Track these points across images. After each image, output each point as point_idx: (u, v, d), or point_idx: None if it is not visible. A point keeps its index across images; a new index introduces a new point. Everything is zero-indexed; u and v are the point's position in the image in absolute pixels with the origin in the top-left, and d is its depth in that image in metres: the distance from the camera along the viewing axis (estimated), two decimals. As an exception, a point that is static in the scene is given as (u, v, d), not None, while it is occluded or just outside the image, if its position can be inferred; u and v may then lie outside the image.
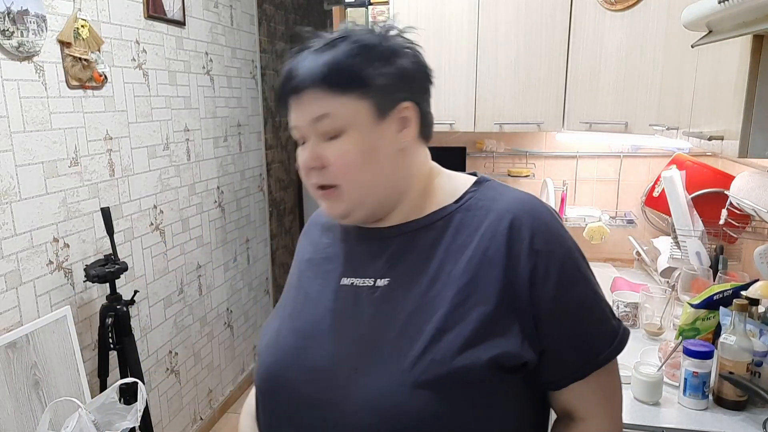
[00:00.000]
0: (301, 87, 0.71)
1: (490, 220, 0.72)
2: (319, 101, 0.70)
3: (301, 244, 0.90)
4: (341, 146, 0.71)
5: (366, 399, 0.68)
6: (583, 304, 0.72)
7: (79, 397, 1.74)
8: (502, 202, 0.74)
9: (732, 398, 1.26)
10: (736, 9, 0.90)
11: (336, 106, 0.70)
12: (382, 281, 0.74)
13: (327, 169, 0.72)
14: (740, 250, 1.95)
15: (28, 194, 1.69)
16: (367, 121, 0.71)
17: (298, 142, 0.76)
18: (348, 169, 0.71)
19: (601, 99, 1.96)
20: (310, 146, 0.73)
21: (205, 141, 2.75)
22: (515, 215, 0.72)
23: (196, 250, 2.72)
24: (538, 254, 0.69)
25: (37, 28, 1.68)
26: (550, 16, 2.04)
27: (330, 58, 0.70)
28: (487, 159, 2.49)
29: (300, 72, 0.71)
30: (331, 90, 0.70)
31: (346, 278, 0.77)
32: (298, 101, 0.72)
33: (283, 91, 0.74)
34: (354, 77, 0.70)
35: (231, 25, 3.03)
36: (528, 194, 0.77)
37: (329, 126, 0.71)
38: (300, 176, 0.77)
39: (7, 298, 1.63)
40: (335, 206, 0.75)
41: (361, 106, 0.71)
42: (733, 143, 1.08)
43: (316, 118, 0.71)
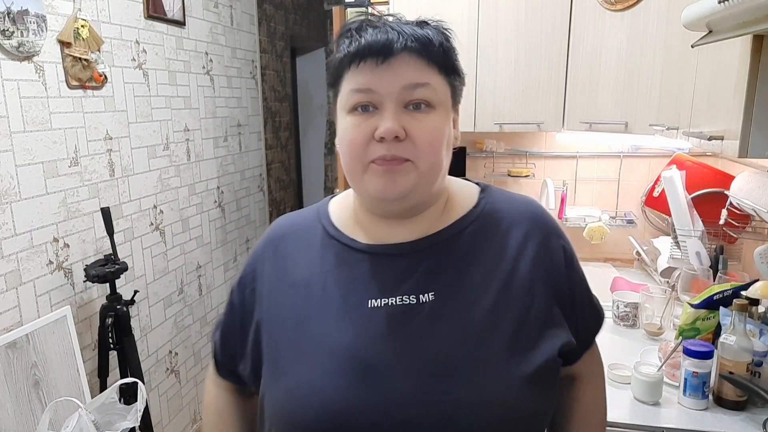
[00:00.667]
0: (401, 49, 0.66)
1: (511, 222, 0.76)
2: (419, 69, 0.67)
3: (279, 265, 0.78)
4: (431, 121, 0.68)
5: (476, 410, 0.65)
6: (587, 284, 0.82)
7: (79, 397, 1.74)
8: (513, 204, 0.79)
9: (732, 398, 1.26)
10: (736, 9, 0.90)
11: (436, 80, 0.69)
12: (426, 296, 0.70)
13: (407, 141, 0.67)
14: (740, 250, 1.95)
15: (28, 194, 1.69)
16: (448, 106, 0.72)
17: (355, 109, 0.69)
18: (431, 145, 0.68)
19: (601, 99, 1.96)
20: (393, 114, 0.67)
21: (205, 141, 2.75)
22: (533, 216, 0.78)
23: (196, 250, 2.72)
24: (564, 249, 0.78)
25: (37, 28, 1.68)
26: (550, 16, 2.04)
27: (431, 34, 0.68)
28: (487, 159, 2.49)
29: (396, 34, 0.66)
30: (434, 63, 0.68)
31: (374, 299, 0.71)
32: (391, 63, 0.66)
33: (368, 49, 0.66)
34: (452, 60, 0.71)
35: (231, 25, 3.03)
36: (527, 196, 0.83)
37: (426, 96, 0.68)
38: (348, 149, 0.69)
39: (7, 298, 1.63)
40: (400, 182, 0.68)
41: (447, 90, 0.71)
42: (733, 143, 1.08)
43: (414, 84, 0.67)
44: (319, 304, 0.73)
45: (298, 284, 0.75)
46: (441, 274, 0.72)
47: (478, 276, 0.72)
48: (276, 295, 0.76)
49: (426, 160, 0.68)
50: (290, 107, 4.14)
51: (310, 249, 0.77)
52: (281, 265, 0.78)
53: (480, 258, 0.73)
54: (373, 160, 0.68)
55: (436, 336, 0.68)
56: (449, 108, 0.72)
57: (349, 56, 0.68)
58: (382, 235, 0.75)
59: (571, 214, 2.32)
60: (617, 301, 1.74)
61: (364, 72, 0.67)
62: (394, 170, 0.68)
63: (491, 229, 0.75)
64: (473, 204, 0.78)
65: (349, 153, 0.70)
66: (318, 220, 0.80)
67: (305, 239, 0.79)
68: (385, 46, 0.66)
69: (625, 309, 1.72)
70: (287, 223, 0.83)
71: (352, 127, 0.69)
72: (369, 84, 0.67)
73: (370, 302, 0.71)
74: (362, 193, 0.73)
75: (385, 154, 0.67)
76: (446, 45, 0.70)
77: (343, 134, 0.70)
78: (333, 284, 0.73)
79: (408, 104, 0.68)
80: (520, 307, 0.71)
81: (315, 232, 0.79)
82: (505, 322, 0.69)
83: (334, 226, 0.78)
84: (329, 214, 0.80)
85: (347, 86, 0.69)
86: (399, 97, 0.67)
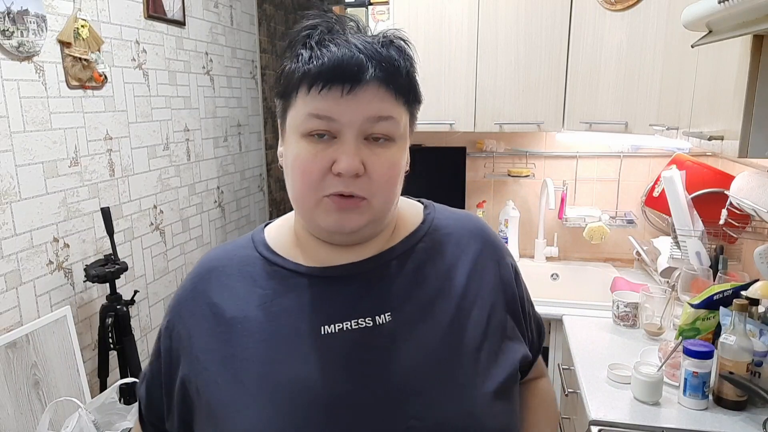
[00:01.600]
0: (369, 79, 0.61)
1: (460, 238, 0.75)
2: (386, 101, 0.62)
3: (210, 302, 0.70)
4: (391, 156, 0.64)
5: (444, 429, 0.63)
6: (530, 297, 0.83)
7: (79, 397, 1.74)
8: (459, 220, 0.78)
9: (732, 398, 1.26)
10: (736, 9, 0.90)
11: (399, 112, 0.64)
12: (382, 317, 0.66)
13: (364, 177, 0.62)
14: (740, 250, 1.95)
15: (28, 194, 1.69)
16: (406, 137, 0.68)
17: (310, 135, 0.63)
18: (388, 182, 0.64)
19: (601, 99, 1.96)
20: (354, 149, 0.61)
21: (205, 141, 2.75)
22: (481, 233, 0.77)
23: (196, 250, 2.72)
24: (511, 264, 0.78)
25: (37, 28, 1.68)
26: (550, 16, 2.04)
27: (396, 58, 0.63)
28: (487, 159, 2.49)
29: (363, 59, 0.61)
30: (400, 94, 0.64)
31: (327, 326, 0.65)
32: (356, 93, 0.60)
33: (335, 74, 0.60)
34: (415, 88, 0.67)
35: (231, 25, 3.03)
36: (470, 212, 0.83)
37: (388, 130, 0.63)
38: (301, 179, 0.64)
39: (7, 298, 1.63)
40: (354, 219, 0.64)
41: (407, 119, 0.67)
42: (733, 143, 1.08)
43: (379, 117, 0.62)
44: (263, 338, 0.66)
45: (235, 320, 0.67)
46: (395, 294, 0.68)
47: (432, 293, 0.69)
48: (207, 337, 0.68)
49: (381, 197, 0.65)
50: (290, 107, 4.13)
51: (247, 280, 0.70)
52: (212, 302, 0.69)
53: (433, 275, 0.70)
54: (327, 195, 0.63)
55: (398, 359, 0.65)
56: (407, 139, 0.68)
57: (310, 76, 0.61)
58: (328, 258, 0.70)
59: (571, 214, 2.32)
60: (617, 301, 1.74)
61: (326, 99, 0.61)
62: (351, 207, 0.63)
63: (440, 246, 0.73)
64: (419, 221, 0.75)
65: (301, 183, 0.64)
66: (253, 249, 0.73)
67: (240, 270, 0.71)
68: (354, 74, 0.60)
69: (625, 309, 1.72)
70: (217, 256, 0.74)
71: (307, 156, 0.62)
72: (330, 112, 0.61)
73: (323, 329, 0.65)
74: (311, 224, 0.68)
75: (343, 191, 0.62)
76: (411, 72, 0.66)
77: (295, 160, 0.64)
78: (279, 314, 0.67)
79: (368, 136, 0.63)
80: (478, 322, 0.69)
81: (251, 261, 0.71)
82: (466, 339, 0.67)
83: (273, 251, 0.72)
84: (266, 240, 0.74)
85: (303, 108, 0.62)
86: (360, 129, 0.62)
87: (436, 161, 2.43)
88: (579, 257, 2.44)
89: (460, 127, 2.16)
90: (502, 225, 2.40)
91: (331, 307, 0.67)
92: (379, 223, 0.69)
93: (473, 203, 2.48)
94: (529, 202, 2.49)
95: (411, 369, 0.64)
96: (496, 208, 2.48)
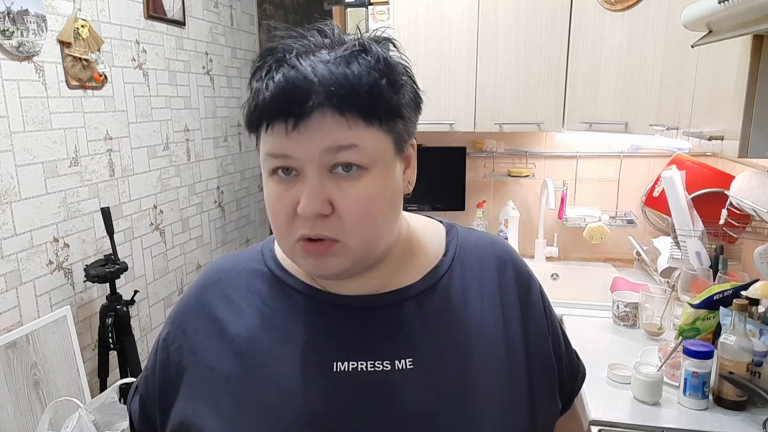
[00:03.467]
0: (313, 108, 0.53)
1: (486, 270, 0.68)
2: (342, 130, 0.54)
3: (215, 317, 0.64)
4: (363, 189, 0.55)
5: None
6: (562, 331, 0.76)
7: (79, 397, 1.74)
8: (482, 248, 0.71)
9: (732, 398, 1.26)
10: (736, 9, 0.90)
11: (365, 136, 0.55)
12: (402, 363, 0.60)
13: (334, 217, 0.56)
14: (740, 250, 1.95)
15: (28, 194, 1.69)
16: (387, 158, 0.58)
17: (274, 173, 0.57)
18: (362, 219, 0.56)
19: (601, 99, 1.96)
20: (316, 186, 0.55)
21: (205, 141, 2.75)
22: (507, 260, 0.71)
23: (196, 250, 2.72)
24: (542, 294, 0.72)
25: (37, 28, 1.68)
26: (550, 16, 2.04)
27: (358, 78, 0.54)
28: (487, 159, 2.49)
29: (310, 85, 0.53)
30: (361, 117, 0.54)
31: (341, 362, 0.60)
32: (308, 123, 0.53)
33: (276, 109, 0.54)
34: (387, 106, 0.56)
35: (231, 25, 3.03)
36: (493, 236, 0.77)
37: (353, 159, 0.55)
38: (272, 222, 0.59)
39: (7, 298, 1.63)
40: (330, 264, 0.57)
41: (385, 140, 0.57)
42: (733, 143, 1.08)
43: (337, 147, 0.54)
44: (269, 363, 0.61)
45: (240, 339, 0.62)
46: (418, 338, 0.61)
47: (457, 336, 0.63)
48: (211, 355, 0.62)
49: (355, 236, 0.56)
50: (290, 107, 4.13)
51: (255, 296, 0.64)
52: (217, 318, 0.64)
53: (457, 316, 0.64)
54: (297, 240, 0.57)
55: (419, 409, 0.59)
56: (390, 161, 0.58)
57: (257, 114, 0.55)
58: (340, 283, 0.63)
59: (571, 214, 2.32)
60: (617, 301, 1.74)
61: (275, 137, 0.55)
62: (322, 253, 0.57)
63: (465, 281, 0.66)
64: (442, 251, 0.68)
65: (273, 226, 0.59)
66: (262, 263, 0.67)
67: (248, 286, 0.66)
68: (296, 106, 0.53)
69: (625, 309, 1.72)
70: (224, 267, 0.68)
71: (272, 197, 0.58)
72: (283, 149, 0.55)
73: (336, 365, 0.60)
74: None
75: (309, 233, 0.56)
76: (380, 85, 0.55)
77: (266, 201, 0.59)
78: (286, 340, 0.61)
79: (334, 167, 0.55)
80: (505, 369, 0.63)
81: (260, 277, 0.66)
82: (492, 388, 0.62)
83: (283, 268, 0.66)
84: (276, 255, 0.68)
85: (263, 147, 0.57)
86: (321, 162, 0.55)
87: (436, 161, 2.43)
88: (579, 257, 2.44)
89: (460, 127, 2.16)
90: (502, 225, 2.40)
91: (344, 341, 0.61)
92: (367, 260, 0.60)
93: (473, 203, 2.48)
94: (529, 202, 2.49)
95: (432, 421, 0.59)
96: (496, 208, 2.48)
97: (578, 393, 0.76)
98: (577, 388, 0.75)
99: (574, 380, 0.75)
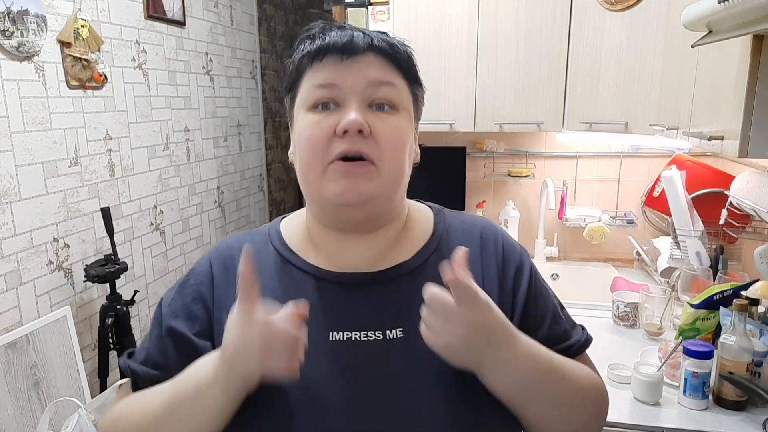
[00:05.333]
0: (365, 48, 0.65)
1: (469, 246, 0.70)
2: (385, 69, 0.66)
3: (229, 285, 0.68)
4: (396, 122, 0.66)
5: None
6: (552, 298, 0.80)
7: (79, 397, 1.74)
8: (466, 230, 0.75)
9: (732, 398, 1.26)
10: (736, 9, 0.90)
11: (400, 82, 0.67)
12: (393, 333, 0.66)
13: (370, 139, 0.63)
14: (740, 250, 1.95)
15: (28, 194, 1.69)
16: (410, 113, 0.69)
17: (315, 106, 0.65)
18: (395, 147, 0.65)
19: (601, 99, 1.96)
20: (359, 109, 0.63)
21: (205, 141, 2.75)
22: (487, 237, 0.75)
23: (196, 250, 2.72)
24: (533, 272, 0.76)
25: (37, 28, 1.68)
26: (550, 16, 2.04)
27: (395, 44, 0.68)
28: (487, 159, 2.49)
29: (361, 35, 0.65)
30: (399, 66, 0.67)
31: (335, 332, 0.65)
32: (355, 59, 0.64)
33: (333, 45, 0.64)
34: (414, 69, 0.70)
35: (231, 25, 3.03)
36: (479, 217, 0.81)
37: (390, 96, 0.65)
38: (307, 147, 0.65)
39: (7, 298, 1.63)
40: (361, 186, 0.63)
41: (410, 96, 0.69)
42: (733, 143, 1.08)
43: (379, 81, 0.65)
44: None
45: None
46: (407, 310, 0.65)
47: None
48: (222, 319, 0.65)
49: (389, 163, 0.64)
50: (290, 107, 4.13)
51: (263, 273, 0.68)
52: (231, 287, 0.68)
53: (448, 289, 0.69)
54: (333, 160, 0.63)
55: (408, 376, 0.64)
56: (412, 116, 0.70)
57: (311, 54, 0.65)
58: (339, 256, 0.70)
59: (571, 214, 2.32)
60: (617, 301, 1.74)
61: (327, 67, 0.64)
62: (356, 173, 0.63)
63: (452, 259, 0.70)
64: (430, 231, 0.74)
65: (307, 152, 0.65)
66: (269, 242, 0.73)
67: (257, 262, 0.67)
68: (350, 42, 0.64)
69: (625, 309, 1.72)
70: (236, 245, 0.73)
71: (312, 124, 0.65)
72: (332, 79, 0.64)
73: (331, 334, 0.65)
74: (319, 199, 0.68)
75: (348, 149, 0.62)
76: (410, 53, 0.70)
77: (301, 132, 0.66)
78: None
79: (372, 103, 0.65)
80: None
81: (267, 256, 0.72)
82: None
83: (288, 247, 0.72)
84: (281, 234, 0.74)
85: (308, 83, 0.66)
86: (363, 94, 0.64)
87: (436, 161, 2.43)
88: (579, 257, 2.44)
89: (460, 127, 2.16)
90: (502, 225, 2.40)
91: (340, 314, 0.67)
92: (388, 199, 0.68)
93: (473, 203, 2.48)
94: (529, 202, 2.49)
95: (417, 388, 0.64)
96: (496, 208, 2.48)
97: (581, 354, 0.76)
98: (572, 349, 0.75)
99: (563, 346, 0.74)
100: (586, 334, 0.78)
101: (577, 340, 0.76)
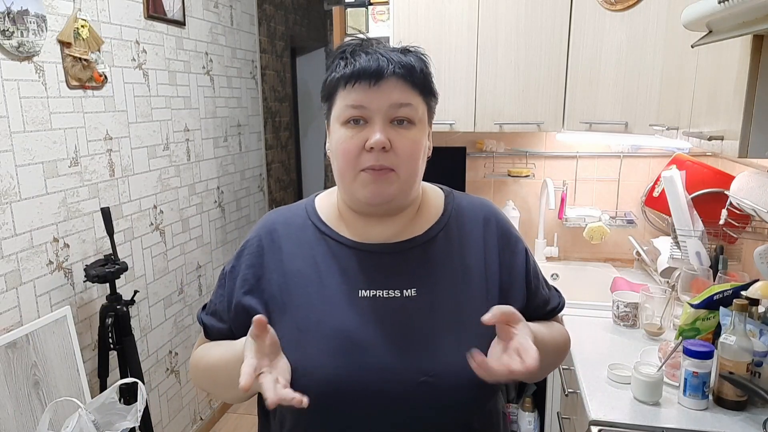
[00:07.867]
0: (389, 74, 0.79)
1: (474, 225, 0.91)
2: (404, 91, 0.80)
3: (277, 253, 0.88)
4: (412, 136, 0.81)
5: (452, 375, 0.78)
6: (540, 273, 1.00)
7: (79, 397, 1.74)
8: (473, 209, 0.93)
9: (732, 398, 1.26)
10: (736, 9, 0.90)
11: (416, 101, 0.82)
12: (408, 291, 0.84)
13: (391, 152, 0.79)
14: (740, 250, 1.95)
15: (28, 194, 1.69)
16: (425, 123, 0.85)
17: (348, 122, 0.81)
18: (411, 156, 0.81)
19: (601, 99, 1.96)
20: (381, 128, 0.79)
21: (205, 141, 2.75)
22: (490, 218, 0.92)
23: (196, 250, 2.72)
24: (528, 253, 0.95)
25: (37, 28, 1.68)
26: (550, 16, 2.04)
27: (413, 61, 0.82)
28: (487, 159, 2.49)
29: (385, 61, 0.79)
30: (414, 86, 0.81)
31: (364, 290, 0.83)
32: (381, 85, 0.79)
33: (363, 72, 0.79)
34: (429, 84, 0.85)
35: (231, 25, 3.03)
36: (483, 199, 0.98)
37: (408, 114, 0.81)
38: (342, 157, 0.81)
39: (7, 298, 1.63)
40: (386, 188, 0.81)
41: (425, 109, 0.84)
42: (733, 143, 1.08)
43: (399, 103, 0.80)
44: (315, 292, 0.84)
45: (294, 273, 0.86)
46: (420, 274, 0.85)
47: (449, 274, 0.86)
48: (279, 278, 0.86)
49: (406, 169, 0.82)
50: (290, 107, 4.14)
51: (303, 243, 0.88)
52: (278, 254, 0.88)
53: (450, 259, 0.87)
54: (363, 169, 0.80)
55: (419, 324, 0.82)
56: (426, 124, 0.86)
57: (345, 77, 0.80)
58: (365, 232, 0.87)
59: (571, 214, 2.32)
60: (617, 301, 1.74)
61: (357, 91, 0.80)
62: (380, 179, 0.80)
63: (457, 233, 0.89)
64: (441, 209, 0.92)
65: (342, 161, 0.82)
66: (307, 218, 0.91)
67: (297, 235, 0.89)
68: (377, 71, 0.79)
69: (625, 309, 1.72)
70: (279, 220, 0.92)
71: (345, 138, 0.81)
72: (362, 101, 0.80)
73: (360, 292, 0.83)
74: (352, 198, 0.85)
75: (374, 164, 0.79)
76: (425, 71, 0.84)
77: (337, 144, 0.82)
78: (326, 275, 0.85)
79: (393, 120, 0.80)
80: (484, 295, 0.86)
81: (306, 229, 0.89)
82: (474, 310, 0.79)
83: (323, 222, 0.89)
84: (317, 211, 0.91)
85: (342, 102, 0.81)
86: (386, 114, 0.80)
87: (436, 161, 2.42)
88: (579, 257, 2.44)
89: (460, 127, 2.16)
90: (502, 225, 2.39)
91: (367, 276, 0.84)
92: (406, 195, 0.85)
93: (473, 203, 2.48)
94: (529, 202, 2.49)
95: (428, 333, 0.81)
96: (496, 208, 2.48)
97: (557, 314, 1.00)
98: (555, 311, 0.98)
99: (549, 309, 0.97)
100: (562, 299, 1.01)
101: (557, 303, 0.99)
